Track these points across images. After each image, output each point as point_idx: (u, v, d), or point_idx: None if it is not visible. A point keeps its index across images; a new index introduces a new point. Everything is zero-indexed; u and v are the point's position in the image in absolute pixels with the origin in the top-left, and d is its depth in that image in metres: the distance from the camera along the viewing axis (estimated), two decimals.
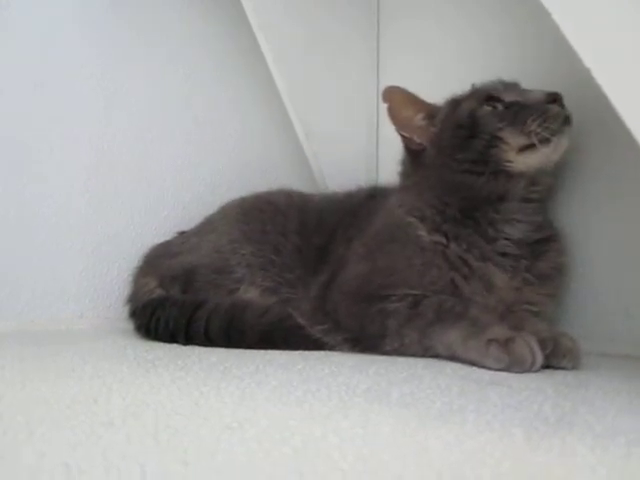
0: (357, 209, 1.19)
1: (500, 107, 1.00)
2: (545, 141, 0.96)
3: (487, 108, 1.00)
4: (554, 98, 0.97)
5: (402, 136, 1.08)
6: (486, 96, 1.01)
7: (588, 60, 0.71)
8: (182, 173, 1.41)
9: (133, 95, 1.36)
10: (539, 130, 0.95)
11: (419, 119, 1.07)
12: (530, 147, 0.97)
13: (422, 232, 1.01)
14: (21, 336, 1.15)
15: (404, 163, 1.11)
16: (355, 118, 1.50)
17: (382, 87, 1.51)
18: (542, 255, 1.02)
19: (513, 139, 0.97)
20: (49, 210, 1.26)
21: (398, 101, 1.06)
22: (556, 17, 0.74)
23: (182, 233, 1.31)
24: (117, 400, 0.67)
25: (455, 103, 1.06)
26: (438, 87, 1.05)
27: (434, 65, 1.38)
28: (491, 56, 1.27)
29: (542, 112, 0.96)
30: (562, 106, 0.97)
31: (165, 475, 0.45)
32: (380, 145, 1.52)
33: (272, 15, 1.36)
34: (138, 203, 1.36)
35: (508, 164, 0.98)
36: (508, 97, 1.00)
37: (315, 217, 1.21)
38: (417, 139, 1.07)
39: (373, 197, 1.21)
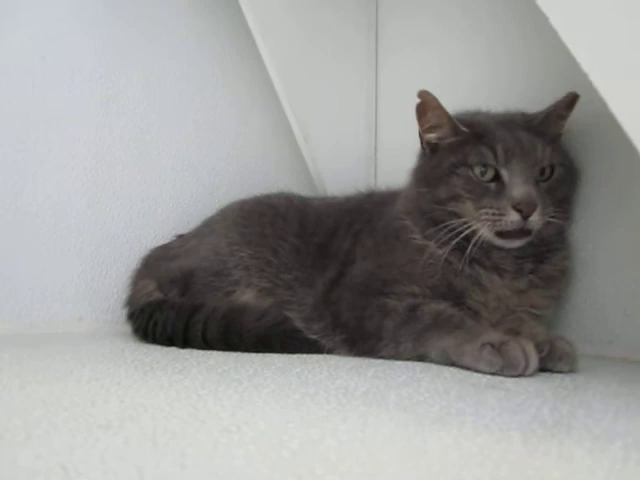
0: (358, 207, 1.20)
1: (488, 175, 0.97)
2: (493, 233, 0.96)
3: (474, 172, 0.98)
4: (520, 209, 0.94)
5: (419, 134, 1.07)
6: (484, 162, 0.98)
7: (585, 65, 0.71)
8: (181, 175, 1.41)
9: (132, 98, 1.36)
10: (487, 224, 0.95)
11: (434, 135, 1.04)
12: None
13: (415, 235, 1.02)
14: (19, 338, 1.15)
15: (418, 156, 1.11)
16: (353, 120, 1.50)
17: (381, 89, 1.54)
18: (548, 259, 1.03)
19: (471, 210, 0.97)
20: (47, 212, 1.26)
21: (432, 105, 1.02)
22: (553, 21, 0.74)
23: (180, 236, 1.31)
24: (115, 403, 0.67)
25: (463, 138, 1.01)
26: (439, 87, 1.04)
27: (434, 65, 1.37)
28: (493, 55, 1.26)
29: (499, 212, 0.95)
30: (525, 217, 0.94)
31: (163, 478, 0.45)
32: (378, 147, 1.52)
33: (270, 16, 1.36)
34: (137, 205, 1.36)
35: (468, 220, 0.98)
36: (505, 170, 0.97)
37: (314, 219, 1.21)
38: (425, 147, 1.07)
39: (372, 196, 1.22)
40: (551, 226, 0.99)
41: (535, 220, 0.95)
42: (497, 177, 0.98)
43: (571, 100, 1.02)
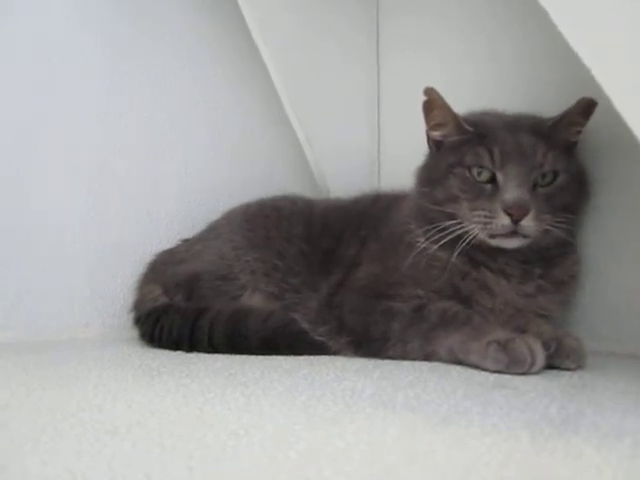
0: (364, 211, 1.20)
1: (484, 176, 0.97)
2: (486, 235, 0.96)
3: (471, 172, 0.98)
4: (510, 212, 0.93)
5: (426, 132, 1.07)
6: (480, 163, 0.98)
7: (587, 59, 0.71)
8: (184, 179, 1.41)
9: (135, 101, 1.36)
10: (479, 226, 0.95)
11: (439, 133, 1.05)
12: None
13: (420, 238, 1.01)
14: (26, 345, 1.15)
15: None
16: (356, 121, 1.50)
17: (383, 89, 1.54)
18: (558, 264, 1.02)
19: (466, 210, 0.97)
20: (52, 217, 1.26)
21: (437, 103, 1.02)
22: (553, 15, 0.74)
23: (186, 241, 1.32)
24: (122, 408, 0.67)
25: (466, 138, 1.01)
26: (441, 87, 1.04)
27: (436, 65, 1.36)
28: (495, 54, 1.26)
29: (490, 215, 0.94)
30: (516, 221, 0.93)
31: None
32: (381, 148, 1.52)
33: (270, 17, 1.36)
34: (141, 210, 1.36)
35: (461, 221, 0.97)
36: (500, 172, 0.96)
37: (321, 222, 1.21)
38: (431, 145, 1.07)
39: (378, 200, 1.22)
40: (550, 235, 0.97)
41: (527, 225, 0.93)
42: (493, 179, 0.97)
43: (585, 106, 0.99)
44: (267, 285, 1.15)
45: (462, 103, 1.04)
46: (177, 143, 1.40)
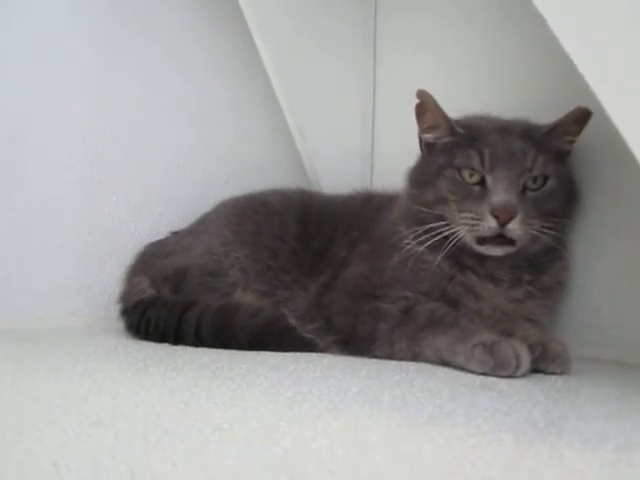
0: (356, 212, 1.20)
1: (474, 178, 0.97)
2: (472, 237, 0.96)
3: (461, 174, 0.98)
4: (497, 215, 0.93)
5: (418, 135, 1.08)
6: (470, 165, 0.98)
7: (581, 65, 0.71)
8: (176, 171, 1.40)
9: (128, 96, 1.35)
10: (465, 228, 0.95)
11: (431, 136, 1.05)
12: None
13: (408, 241, 1.01)
14: (12, 334, 1.14)
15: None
16: (350, 119, 1.50)
17: (378, 89, 1.54)
18: (547, 270, 1.02)
19: (454, 212, 0.97)
20: (42, 209, 1.26)
21: (430, 106, 1.03)
22: (550, 22, 0.74)
23: (175, 233, 1.31)
24: (107, 400, 0.66)
25: (457, 140, 1.01)
26: (436, 88, 1.04)
27: (431, 66, 1.36)
28: (491, 56, 1.25)
29: (478, 217, 0.94)
30: (503, 224, 0.93)
31: (153, 475, 0.45)
32: (375, 146, 1.52)
33: (268, 13, 1.36)
34: (131, 202, 1.35)
35: (449, 222, 0.98)
36: (489, 175, 0.96)
37: (313, 221, 1.21)
38: (423, 148, 1.07)
39: (371, 200, 1.22)
40: (538, 242, 0.97)
41: (514, 228, 0.93)
42: (482, 182, 0.97)
43: (580, 115, 0.99)
44: (259, 284, 1.15)
45: (458, 106, 1.05)
46: (170, 138, 1.40)
